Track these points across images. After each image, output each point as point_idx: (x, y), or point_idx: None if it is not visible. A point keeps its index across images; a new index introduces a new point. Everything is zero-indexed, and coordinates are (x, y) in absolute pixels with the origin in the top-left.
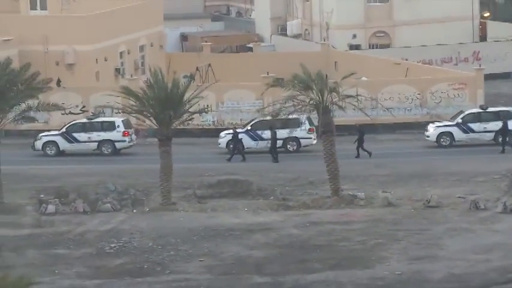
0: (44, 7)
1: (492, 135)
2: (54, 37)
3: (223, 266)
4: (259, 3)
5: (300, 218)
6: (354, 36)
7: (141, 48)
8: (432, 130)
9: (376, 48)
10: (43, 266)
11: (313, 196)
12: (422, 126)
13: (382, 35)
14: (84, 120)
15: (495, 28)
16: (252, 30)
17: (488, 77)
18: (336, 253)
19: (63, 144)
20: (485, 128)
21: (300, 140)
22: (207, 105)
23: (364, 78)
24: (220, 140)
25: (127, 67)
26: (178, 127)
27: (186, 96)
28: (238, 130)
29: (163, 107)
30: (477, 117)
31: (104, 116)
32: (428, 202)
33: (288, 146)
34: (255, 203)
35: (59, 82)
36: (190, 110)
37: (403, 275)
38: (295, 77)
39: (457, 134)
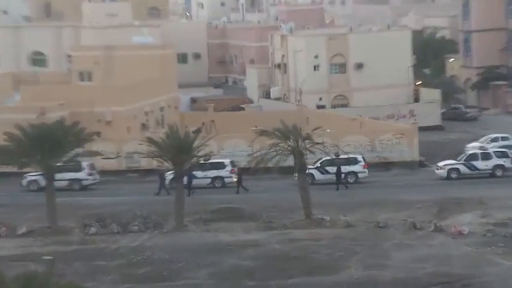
0: (89, 79)
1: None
2: (97, 101)
3: (223, 273)
4: (250, 75)
5: (281, 236)
6: (320, 98)
7: (161, 108)
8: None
9: (337, 107)
10: (86, 274)
11: (291, 219)
12: (373, 166)
13: (341, 97)
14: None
15: (425, 92)
16: (244, 95)
17: (421, 129)
18: (309, 263)
19: (41, 181)
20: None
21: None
22: (211, 151)
23: (328, 130)
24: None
25: (151, 123)
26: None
27: (195, 144)
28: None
29: (178, 152)
30: (331, 162)
31: None
32: (379, 223)
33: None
34: (247, 225)
35: (99, 134)
36: (198, 154)
37: (360, 279)
38: (277, 129)
39: (317, 175)
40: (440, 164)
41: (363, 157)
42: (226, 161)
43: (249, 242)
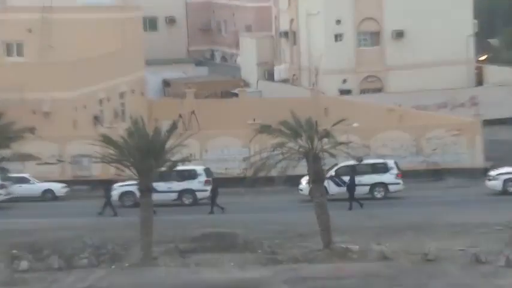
0: (20, 53)
1: (367, 188)
2: (30, 84)
3: None
4: (245, 48)
5: (290, 273)
6: (345, 81)
7: (121, 95)
8: (305, 184)
9: (367, 93)
10: None
11: (304, 249)
12: (418, 174)
13: (373, 79)
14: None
15: (492, 72)
16: (237, 76)
17: (487, 123)
18: None
19: None
20: (359, 181)
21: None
22: (191, 154)
23: (355, 125)
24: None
25: (106, 115)
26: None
27: (168, 144)
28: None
29: (144, 156)
30: (350, 170)
31: None
32: (426, 255)
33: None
34: (242, 257)
35: (33, 131)
36: (172, 159)
37: None
38: (283, 123)
39: (331, 187)
40: (494, 172)
41: (395, 162)
42: (199, 168)
43: (245, 281)
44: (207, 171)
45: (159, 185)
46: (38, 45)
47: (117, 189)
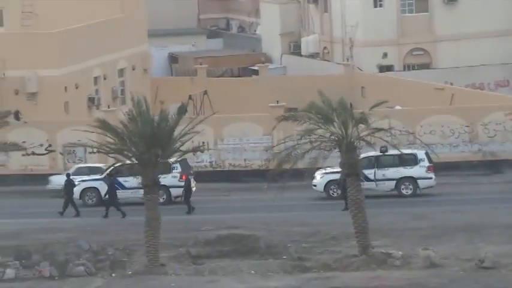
0: None
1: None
2: (12, 60)
3: None
4: (266, 16)
5: (320, 282)
6: (385, 55)
7: (121, 72)
8: (319, 178)
9: (413, 69)
10: None
11: (336, 255)
12: (473, 166)
13: (420, 53)
14: None
15: None
16: (257, 49)
17: None
18: None
19: None
20: (384, 175)
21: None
22: (203, 143)
23: (398, 108)
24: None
25: (103, 96)
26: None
27: (177, 131)
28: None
29: (149, 144)
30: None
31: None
32: (482, 262)
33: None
34: (264, 263)
35: (17, 115)
36: (182, 148)
37: None
38: (311, 106)
39: None
40: None
41: (426, 153)
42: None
43: None
44: (184, 164)
45: (127, 180)
46: (21, 12)
47: (80, 185)
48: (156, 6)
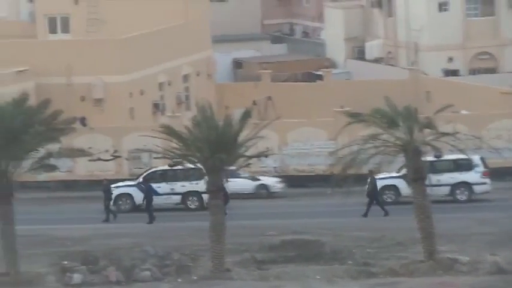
0: (65, 30)
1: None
2: (78, 66)
3: None
4: (330, 21)
5: None
6: (450, 59)
7: (185, 78)
8: None
9: (479, 73)
10: None
11: (403, 260)
12: None
13: (486, 57)
14: None
15: None
16: (322, 54)
17: None
18: None
19: None
20: (438, 180)
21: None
22: (267, 148)
23: (464, 112)
24: None
25: (168, 102)
26: None
27: (242, 136)
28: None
29: (213, 150)
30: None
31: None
32: None
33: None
34: (329, 269)
35: (84, 121)
36: (246, 153)
37: None
38: (377, 111)
39: (403, 187)
40: None
41: (481, 158)
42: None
43: None
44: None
45: (160, 186)
46: (87, 19)
47: (115, 191)
48: (219, 12)
